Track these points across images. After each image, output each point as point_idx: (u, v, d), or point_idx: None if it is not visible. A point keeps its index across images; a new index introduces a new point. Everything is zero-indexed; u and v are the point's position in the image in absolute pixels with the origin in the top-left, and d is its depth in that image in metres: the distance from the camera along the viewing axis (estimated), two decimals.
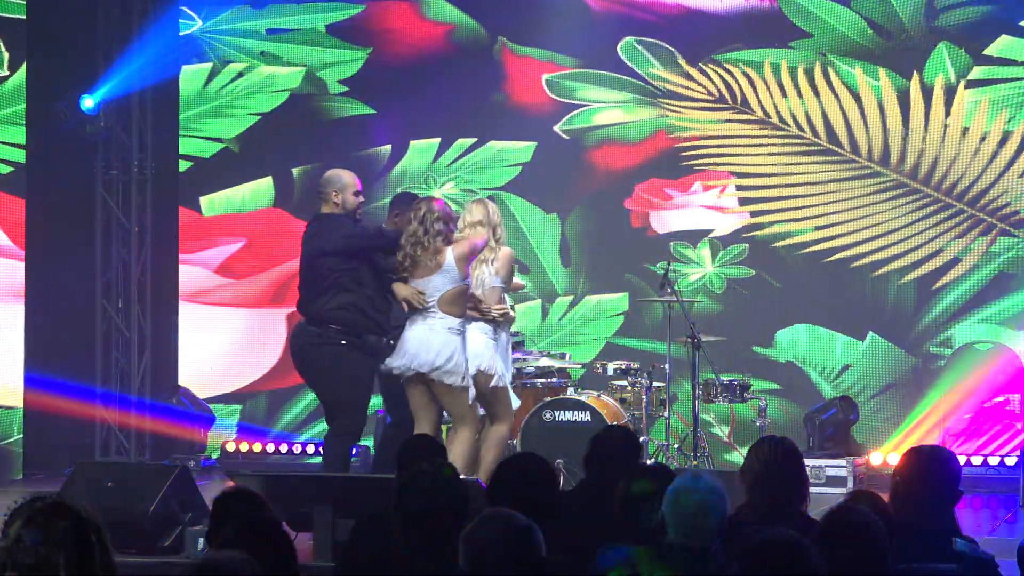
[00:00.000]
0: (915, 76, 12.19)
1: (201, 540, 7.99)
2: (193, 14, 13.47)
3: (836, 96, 12.35)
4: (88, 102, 12.82)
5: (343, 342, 9.14)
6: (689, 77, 12.61)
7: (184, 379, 13.43)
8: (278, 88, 13.45)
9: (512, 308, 9.79)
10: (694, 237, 12.64)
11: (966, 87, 12.07)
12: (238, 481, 8.11)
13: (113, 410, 13.19)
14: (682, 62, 12.59)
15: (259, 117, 13.48)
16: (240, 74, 13.51)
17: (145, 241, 13.50)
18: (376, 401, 10.04)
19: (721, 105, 12.59)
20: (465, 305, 9.09)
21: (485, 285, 9.35)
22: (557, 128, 12.88)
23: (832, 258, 12.39)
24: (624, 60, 12.72)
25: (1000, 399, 11.87)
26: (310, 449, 13.10)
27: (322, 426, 10.81)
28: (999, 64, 12.05)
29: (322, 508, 7.74)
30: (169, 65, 13.40)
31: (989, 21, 12.06)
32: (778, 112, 12.48)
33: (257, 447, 13.27)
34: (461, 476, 5.48)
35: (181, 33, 13.47)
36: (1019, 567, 4.91)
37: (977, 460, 11.87)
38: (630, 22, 12.70)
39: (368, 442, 11.51)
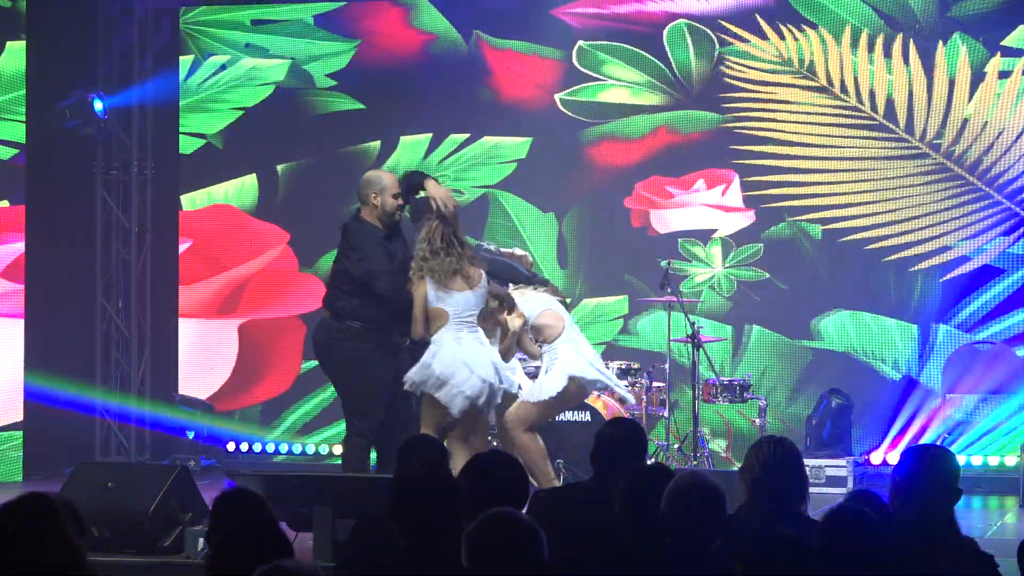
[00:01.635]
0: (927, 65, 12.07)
1: (201, 540, 8.00)
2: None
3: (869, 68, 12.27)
4: (98, 105, 12.83)
5: (367, 339, 9.06)
6: (763, 36, 12.32)
7: (183, 378, 13.40)
8: (263, 81, 13.21)
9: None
10: (696, 237, 12.52)
11: (999, 77, 11.89)
12: (238, 481, 8.10)
13: (113, 410, 13.21)
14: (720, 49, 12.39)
15: (243, 111, 13.29)
16: (223, 67, 13.27)
17: (145, 241, 13.50)
18: None
19: (787, 68, 12.30)
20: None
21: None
22: (558, 97, 12.73)
23: (848, 238, 12.24)
24: (665, 45, 12.50)
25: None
26: (310, 450, 13.09)
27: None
28: (1016, 56, 11.90)
29: (322, 508, 7.74)
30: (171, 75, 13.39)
31: (1005, 11, 11.90)
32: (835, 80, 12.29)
33: (257, 447, 13.25)
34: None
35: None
36: (1019, 567, 4.91)
37: (977, 460, 11.87)
38: (619, 34, 12.59)
39: None
